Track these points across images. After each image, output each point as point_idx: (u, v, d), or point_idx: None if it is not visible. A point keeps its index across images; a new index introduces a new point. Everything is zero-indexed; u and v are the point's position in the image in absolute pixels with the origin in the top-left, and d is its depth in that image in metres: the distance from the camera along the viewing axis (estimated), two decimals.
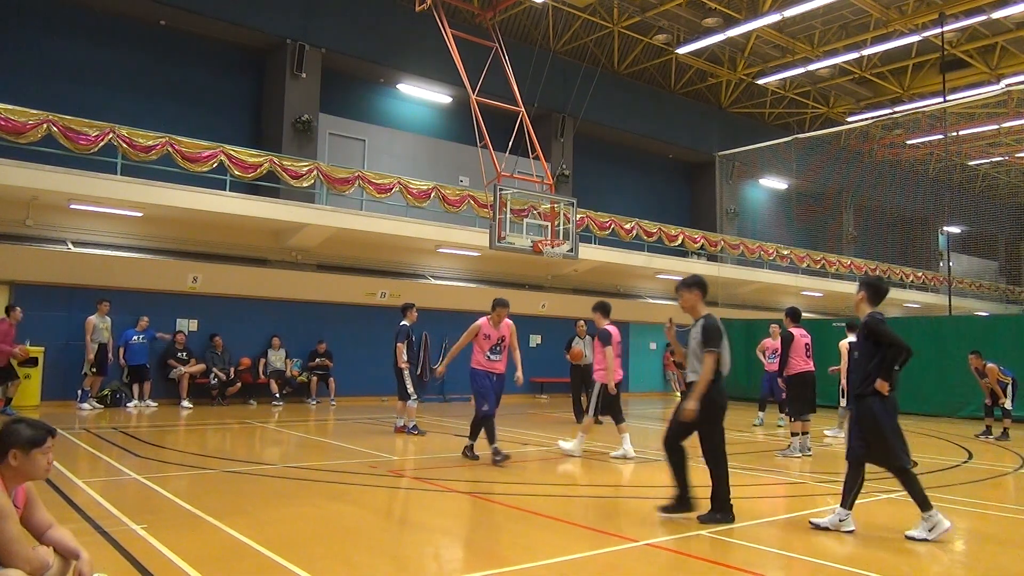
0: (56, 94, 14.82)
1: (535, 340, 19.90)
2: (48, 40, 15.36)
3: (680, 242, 21.88)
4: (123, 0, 15.75)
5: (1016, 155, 29.26)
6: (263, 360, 15.70)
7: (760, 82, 24.09)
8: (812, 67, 22.71)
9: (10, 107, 12.50)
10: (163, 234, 14.87)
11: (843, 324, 12.79)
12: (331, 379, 16.18)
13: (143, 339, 14.03)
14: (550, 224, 15.40)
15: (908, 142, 26.46)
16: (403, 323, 11.11)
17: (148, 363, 14.08)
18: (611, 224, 19.98)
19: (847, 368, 10.30)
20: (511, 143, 16.73)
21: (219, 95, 17.69)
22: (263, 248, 16.14)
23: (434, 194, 16.87)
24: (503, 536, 5.51)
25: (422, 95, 20.27)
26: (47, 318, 13.41)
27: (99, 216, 13.96)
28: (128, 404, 13.89)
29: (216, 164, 14.36)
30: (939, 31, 19.56)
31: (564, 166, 21.62)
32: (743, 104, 26.65)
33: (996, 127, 25.81)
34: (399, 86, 19.90)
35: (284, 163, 15.30)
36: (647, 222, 21.03)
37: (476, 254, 18.23)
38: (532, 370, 18.02)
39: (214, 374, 14.83)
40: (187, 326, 15.27)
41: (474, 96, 15.74)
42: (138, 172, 13.75)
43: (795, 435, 9.73)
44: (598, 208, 20.30)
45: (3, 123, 12.33)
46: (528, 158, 16.13)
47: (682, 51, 21.75)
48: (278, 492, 6.77)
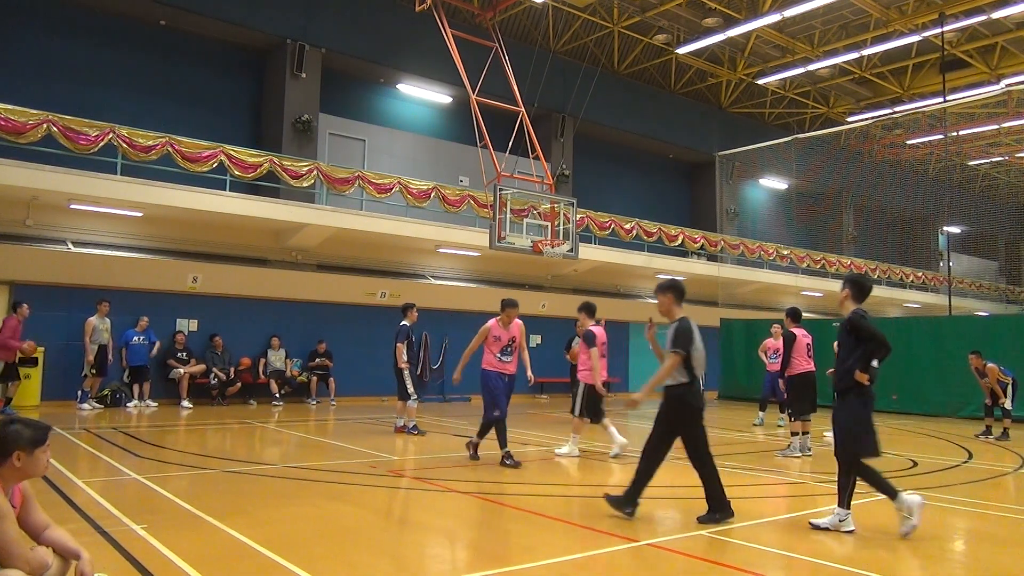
0: (56, 94, 14.84)
1: (535, 340, 19.90)
2: (48, 40, 15.37)
3: (680, 242, 21.88)
4: (123, 0, 15.76)
5: (1016, 155, 29.25)
6: (263, 360, 15.70)
7: (760, 82, 24.09)
8: (812, 67, 22.71)
9: (10, 107, 12.51)
10: (163, 234, 14.87)
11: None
12: (331, 379, 16.18)
13: (143, 340, 14.04)
14: (550, 224, 15.39)
15: (908, 142, 26.44)
16: (403, 323, 11.11)
17: (148, 363, 14.09)
18: (611, 224, 19.98)
19: None
20: (511, 143, 16.73)
21: (219, 95, 17.70)
22: (263, 248, 16.14)
23: (434, 194, 16.87)
24: (503, 536, 5.50)
25: (422, 95, 20.27)
26: (47, 318, 13.39)
27: (99, 216, 13.97)
28: (128, 404, 13.89)
29: (216, 164, 14.37)
30: (939, 31, 19.56)
31: (564, 166, 21.62)
32: (743, 104, 26.65)
33: (996, 127, 25.79)
34: (399, 86, 19.91)
35: (284, 163, 15.30)
36: (647, 222, 21.03)
37: (476, 254, 18.23)
38: (532, 370, 17.96)
39: (214, 374, 14.83)
40: (187, 326, 15.27)
41: (474, 96, 15.73)
42: (138, 172, 13.77)
43: (795, 435, 9.73)
44: (598, 208, 20.31)
45: (3, 123, 12.34)
46: (528, 158, 16.13)
47: (682, 51, 21.75)
48: (278, 492, 6.76)
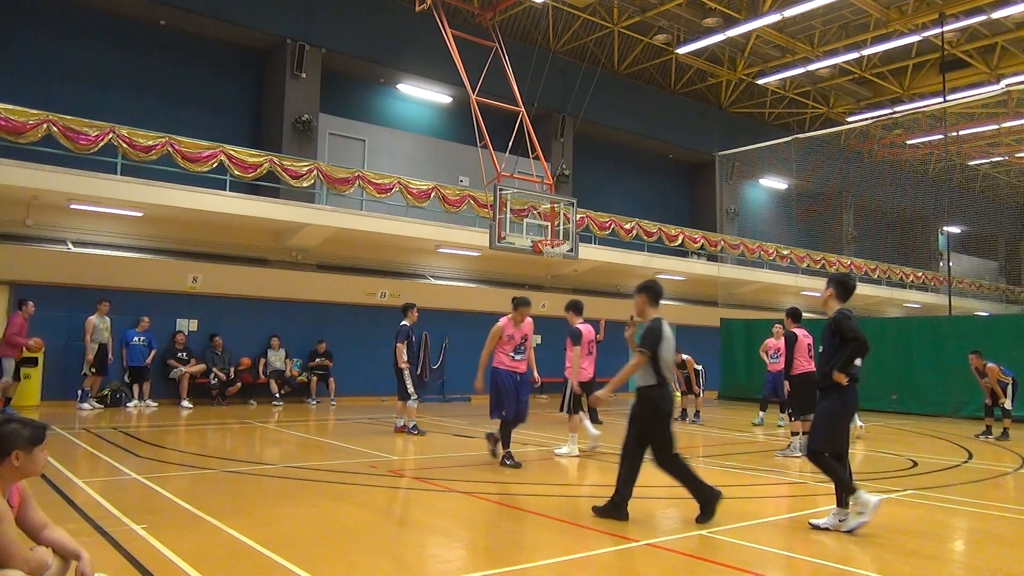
0: (56, 94, 14.84)
1: (535, 340, 19.86)
2: (48, 40, 15.36)
3: (680, 242, 21.88)
4: (123, 0, 15.76)
5: (1016, 155, 29.24)
6: (263, 360, 15.70)
7: (760, 82, 24.09)
8: (812, 67, 22.70)
9: (10, 107, 12.50)
10: (163, 234, 14.87)
11: None
12: (331, 379, 16.17)
13: (143, 340, 14.04)
14: (550, 224, 15.39)
15: (908, 142, 26.43)
16: (403, 323, 11.12)
17: (148, 363, 14.09)
18: (611, 224, 19.98)
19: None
20: (511, 143, 16.72)
21: (219, 95, 17.69)
22: (263, 248, 16.14)
23: (434, 194, 16.87)
24: (503, 536, 5.51)
25: (422, 95, 20.27)
26: (47, 318, 13.38)
27: (99, 216, 13.97)
28: (128, 404, 13.89)
29: (216, 164, 14.36)
30: (939, 31, 19.55)
31: (564, 166, 21.62)
32: (743, 104, 26.65)
33: (996, 127, 25.77)
34: (399, 86, 19.90)
35: (284, 163, 15.30)
36: (647, 222, 21.03)
37: (476, 254, 18.23)
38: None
39: (214, 374, 14.83)
40: (187, 326, 15.27)
41: (474, 96, 15.73)
42: (138, 172, 13.76)
43: (795, 435, 9.73)
44: (598, 208, 20.30)
45: (3, 123, 12.33)
46: (528, 158, 16.12)
47: (682, 51, 21.74)
48: (278, 492, 6.76)
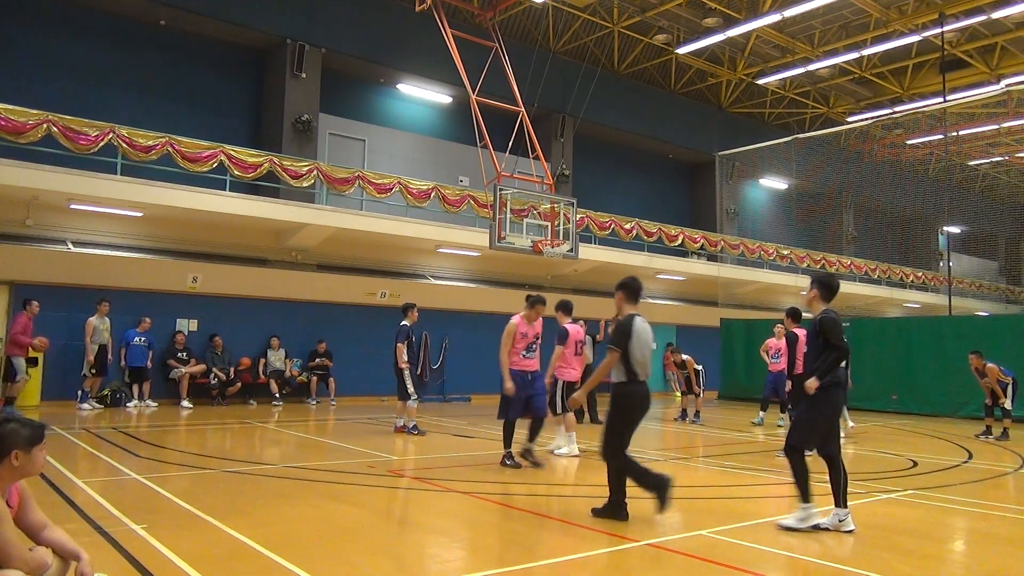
0: (56, 94, 14.83)
1: None
2: (48, 40, 15.37)
3: (680, 242, 21.88)
4: (123, 0, 15.76)
5: (1016, 155, 29.24)
6: (263, 360, 15.69)
7: (760, 82, 24.09)
8: (812, 67, 22.70)
9: (10, 107, 12.50)
10: (163, 234, 14.87)
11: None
12: (331, 379, 16.17)
13: (143, 340, 14.04)
14: (550, 224, 15.38)
15: (908, 142, 26.43)
16: (404, 323, 11.11)
17: (148, 364, 14.09)
18: (611, 224, 19.97)
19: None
20: (511, 143, 16.71)
21: (219, 95, 17.69)
22: (263, 248, 16.14)
23: (434, 194, 16.86)
24: (503, 536, 5.51)
25: (422, 95, 20.27)
26: (47, 318, 13.36)
27: (99, 216, 13.97)
28: (128, 404, 13.88)
29: (216, 164, 14.35)
30: (939, 31, 19.55)
31: (564, 166, 21.62)
32: (743, 104, 26.65)
33: (996, 127, 25.79)
34: (399, 86, 19.90)
35: (284, 163, 15.29)
36: (647, 222, 21.02)
37: (476, 254, 18.23)
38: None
39: (214, 374, 14.83)
40: (187, 326, 15.27)
41: (474, 96, 15.72)
42: (138, 172, 13.76)
43: None
44: (598, 208, 20.30)
45: (3, 123, 12.33)
46: (528, 158, 16.12)
47: (682, 51, 21.74)
48: (278, 492, 6.76)
